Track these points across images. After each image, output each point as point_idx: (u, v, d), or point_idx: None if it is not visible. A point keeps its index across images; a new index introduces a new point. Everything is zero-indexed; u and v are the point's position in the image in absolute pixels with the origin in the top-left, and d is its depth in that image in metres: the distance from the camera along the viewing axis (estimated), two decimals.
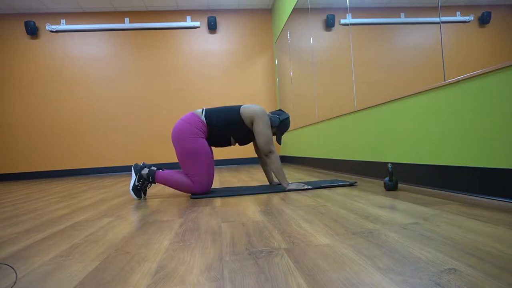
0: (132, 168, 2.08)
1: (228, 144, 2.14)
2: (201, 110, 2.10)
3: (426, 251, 0.83)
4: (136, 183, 2.05)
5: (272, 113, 2.25)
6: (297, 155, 4.73)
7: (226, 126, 2.06)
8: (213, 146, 2.15)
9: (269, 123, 2.09)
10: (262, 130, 2.05)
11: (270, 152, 2.06)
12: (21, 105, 5.61)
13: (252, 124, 2.09)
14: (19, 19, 5.60)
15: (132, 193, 2.06)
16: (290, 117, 2.59)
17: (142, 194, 2.13)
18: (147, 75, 5.81)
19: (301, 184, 2.11)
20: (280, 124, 2.20)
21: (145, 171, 2.05)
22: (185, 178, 2.03)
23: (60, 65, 5.66)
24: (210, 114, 2.07)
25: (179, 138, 2.00)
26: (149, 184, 2.10)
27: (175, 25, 5.80)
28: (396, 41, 2.08)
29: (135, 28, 5.75)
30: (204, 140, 2.03)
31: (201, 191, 2.03)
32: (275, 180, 2.66)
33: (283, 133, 2.26)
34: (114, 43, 5.75)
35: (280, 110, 2.29)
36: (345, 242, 0.94)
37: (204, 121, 2.05)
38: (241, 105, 2.13)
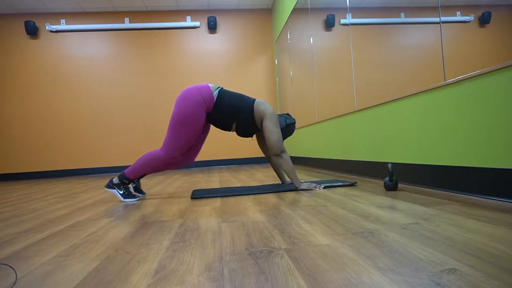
0: (106, 188, 2.04)
1: (228, 129, 2.09)
2: (217, 86, 2.05)
3: (426, 251, 0.83)
4: (121, 192, 2.02)
5: (279, 115, 2.23)
6: (297, 155, 4.73)
7: (234, 110, 2.01)
8: (210, 123, 2.11)
9: (278, 123, 2.07)
10: (272, 129, 2.02)
11: (282, 151, 2.03)
12: (21, 105, 5.61)
13: (260, 121, 2.07)
14: (19, 19, 5.60)
15: (127, 201, 2.02)
16: (296, 123, 2.54)
17: (140, 194, 2.14)
18: (147, 75, 5.80)
19: (312, 184, 2.09)
20: (285, 127, 2.18)
21: (116, 180, 2.02)
22: (150, 153, 2.00)
23: (60, 65, 5.66)
24: (224, 94, 2.02)
25: (182, 100, 1.96)
26: (136, 183, 2.11)
27: (175, 25, 5.80)
28: (396, 41, 2.08)
29: (135, 28, 5.75)
30: (204, 113, 1.98)
31: (167, 156, 1.98)
32: (288, 179, 2.59)
33: (286, 138, 2.23)
34: (114, 43, 5.75)
35: (287, 114, 2.26)
36: (345, 242, 0.94)
37: (214, 98, 2.00)
38: (256, 99, 2.11)
